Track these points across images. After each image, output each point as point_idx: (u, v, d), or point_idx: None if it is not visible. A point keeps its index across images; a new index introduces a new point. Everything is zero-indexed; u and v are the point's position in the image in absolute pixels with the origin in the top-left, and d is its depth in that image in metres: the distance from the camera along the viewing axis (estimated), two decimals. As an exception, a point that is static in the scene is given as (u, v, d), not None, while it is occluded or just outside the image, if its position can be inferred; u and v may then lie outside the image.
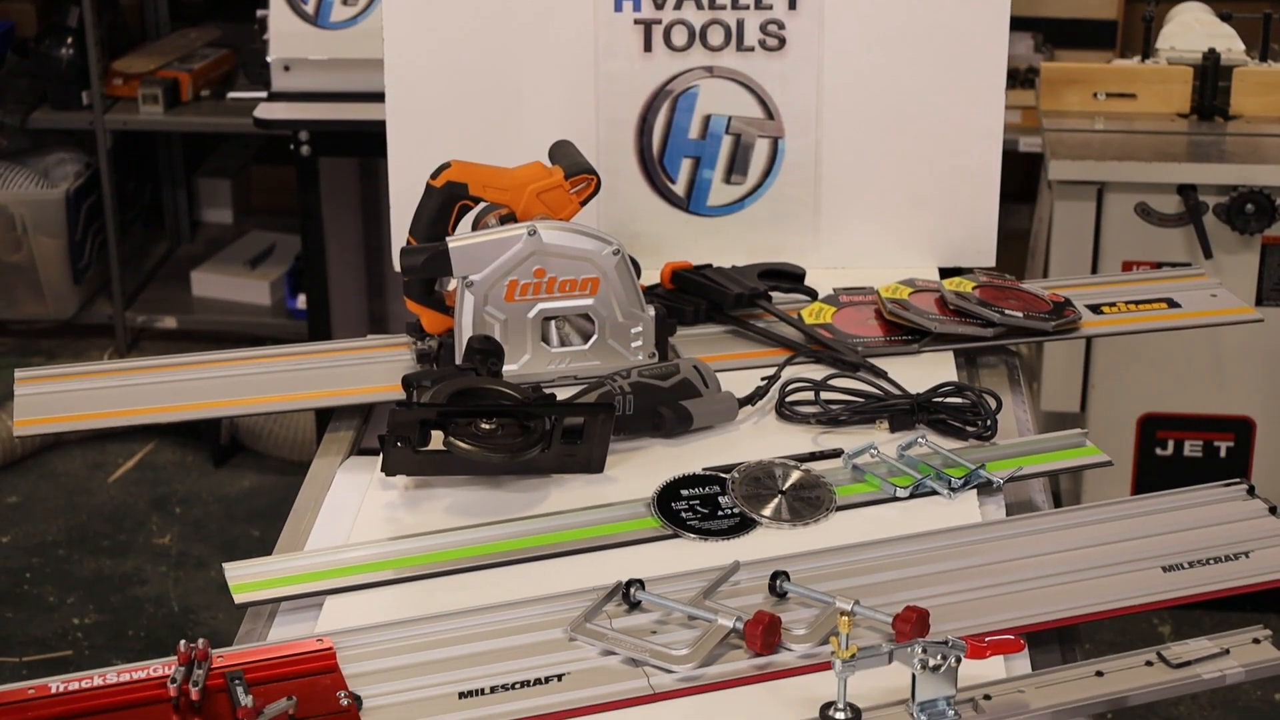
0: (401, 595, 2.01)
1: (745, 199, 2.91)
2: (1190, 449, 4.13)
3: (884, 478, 2.22)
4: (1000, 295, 2.64)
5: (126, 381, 2.50)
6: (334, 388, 2.50)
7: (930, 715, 1.72)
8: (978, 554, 2.05)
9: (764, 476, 2.21)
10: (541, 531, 2.12)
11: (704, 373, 2.40)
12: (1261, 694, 3.95)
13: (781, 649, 1.86)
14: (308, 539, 2.17)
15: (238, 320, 5.61)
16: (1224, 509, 2.16)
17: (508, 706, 1.78)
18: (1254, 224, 3.92)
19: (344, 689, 1.78)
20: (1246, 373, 4.07)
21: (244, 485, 4.95)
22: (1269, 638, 1.86)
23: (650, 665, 1.84)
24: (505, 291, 2.40)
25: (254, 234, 5.98)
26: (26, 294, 5.64)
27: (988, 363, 2.65)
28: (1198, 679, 1.81)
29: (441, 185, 2.47)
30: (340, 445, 2.42)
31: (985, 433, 2.34)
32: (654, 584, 1.94)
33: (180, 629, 4.24)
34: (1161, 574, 2.02)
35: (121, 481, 4.97)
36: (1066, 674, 1.80)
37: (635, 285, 2.46)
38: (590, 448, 2.22)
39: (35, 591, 4.45)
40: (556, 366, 2.46)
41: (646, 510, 2.16)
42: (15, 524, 4.76)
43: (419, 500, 2.21)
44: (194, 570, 4.53)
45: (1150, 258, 3.97)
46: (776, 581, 1.95)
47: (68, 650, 4.21)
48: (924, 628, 1.85)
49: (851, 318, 2.65)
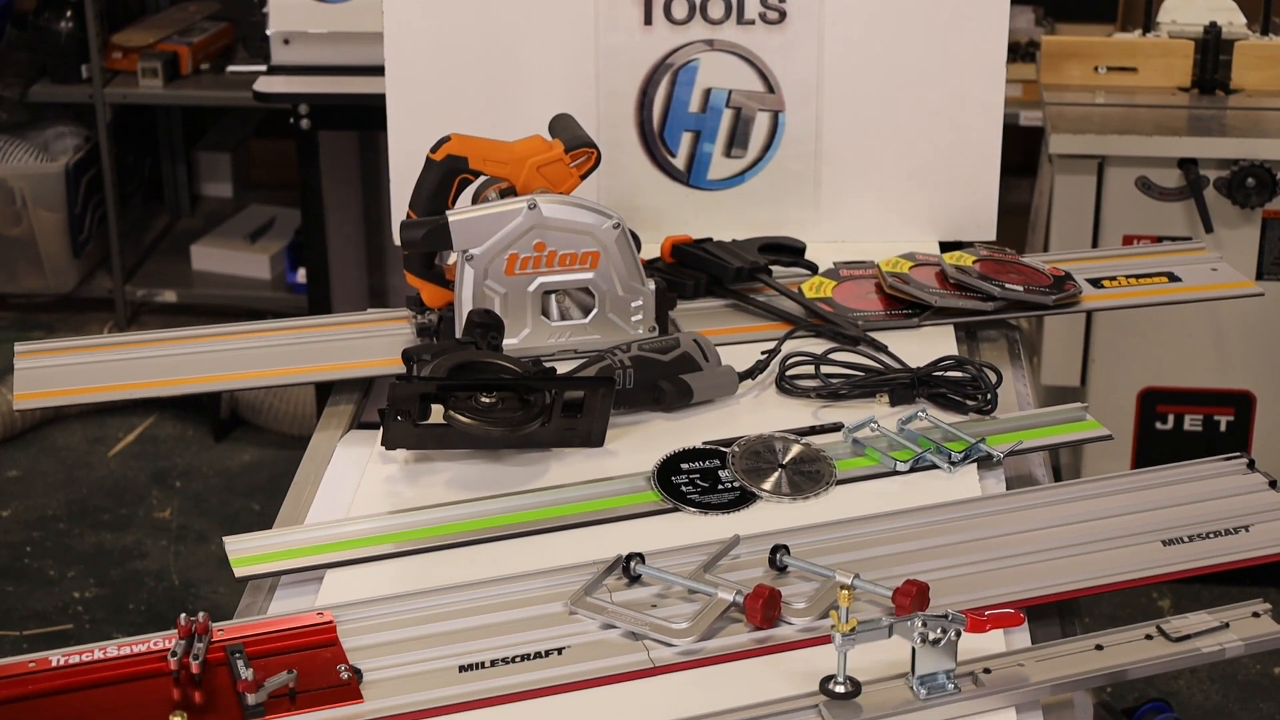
0: (402, 569, 2.01)
1: (745, 173, 2.91)
2: (1190, 423, 4.13)
3: (884, 452, 2.22)
4: (1001, 269, 2.64)
5: (126, 355, 2.50)
6: (334, 361, 2.50)
7: (930, 688, 1.72)
8: (977, 528, 2.05)
9: (764, 450, 2.21)
10: (541, 505, 2.12)
11: (704, 347, 2.39)
12: (1261, 668, 3.96)
13: (781, 623, 1.86)
14: (308, 513, 2.17)
15: (237, 294, 5.60)
16: (1224, 483, 2.16)
17: (508, 680, 1.78)
18: (1255, 198, 3.92)
19: (344, 662, 1.79)
20: (1247, 347, 4.06)
21: (244, 459, 4.95)
22: (1269, 611, 1.86)
23: (650, 639, 1.84)
24: (505, 265, 2.40)
25: (254, 208, 5.98)
26: (26, 268, 5.64)
27: (988, 336, 2.65)
28: (1197, 652, 1.81)
29: (441, 159, 2.46)
30: (340, 419, 2.42)
31: (985, 407, 2.33)
32: (654, 558, 1.95)
33: (181, 603, 4.25)
34: (1161, 548, 2.02)
35: (122, 455, 4.98)
36: (1066, 647, 1.80)
37: (635, 259, 2.46)
38: (590, 421, 2.22)
39: (35, 565, 4.45)
40: (556, 340, 2.45)
41: (646, 484, 2.16)
42: (15, 498, 4.76)
43: (419, 474, 2.21)
44: (194, 544, 4.53)
45: (1151, 232, 3.97)
46: (776, 555, 1.95)
47: (68, 624, 4.22)
48: (924, 601, 1.85)
49: (852, 291, 2.65)
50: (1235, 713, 3.83)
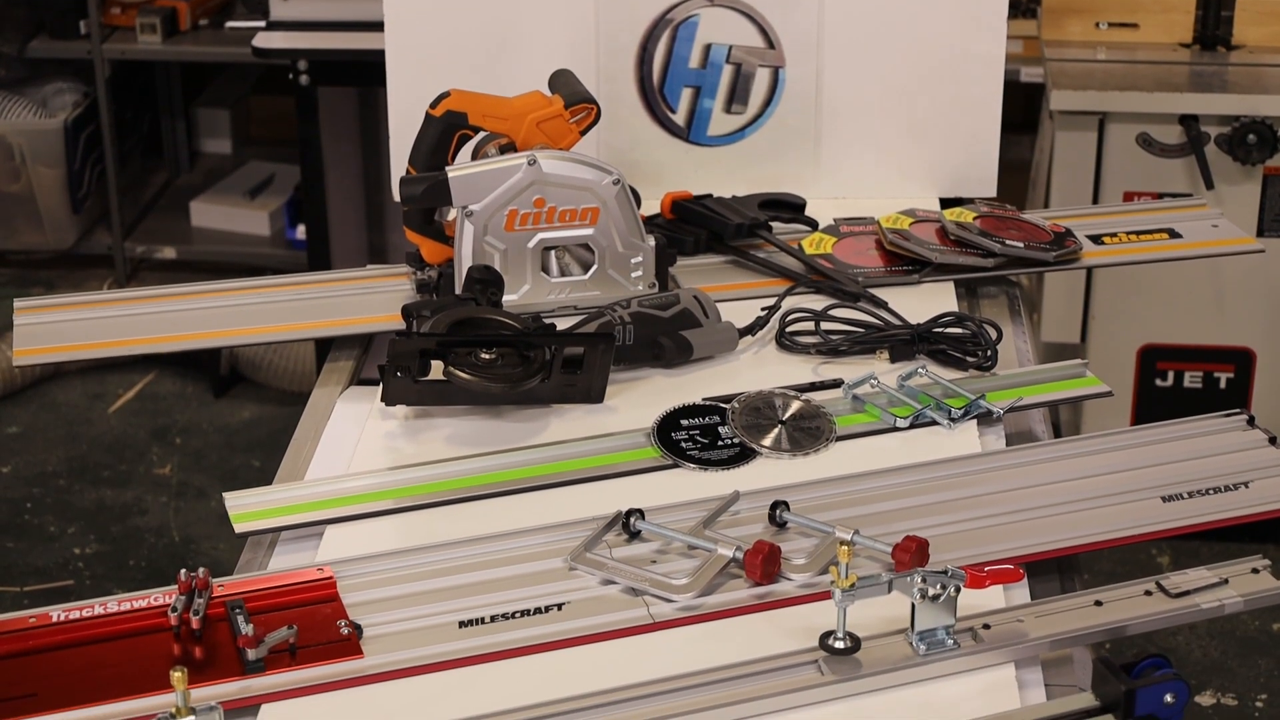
0: (401, 525, 2.01)
1: (746, 129, 2.90)
2: (1190, 380, 4.13)
3: (884, 408, 2.22)
4: (1001, 225, 2.64)
5: (126, 312, 2.49)
6: (334, 318, 2.50)
7: (929, 644, 1.72)
8: (977, 484, 2.05)
9: (764, 406, 2.21)
10: (541, 461, 2.12)
11: (704, 303, 2.39)
12: (1260, 624, 3.96)
13: (781, 578, 1.86)
14: (308, 469, 2.17)
15: (237, 251, 5.60)
16: (1224, 439, 2.16)
17: (508, 635, 1.78)
18: (1255, 154, 3.91)
19: (344, 618, 1.79)
20: (1247, 304, 4.06)
21: (244, 416, 4.95)
22: (1268, 567, 1.86)
23: (650, 594, 1.84)
24: (505, 221, 2.40)
25: (253, 164, 5.97)
26: (25, 224, 5.63)
27: (988, 293, 2.65)
28: (1196, 608, 1.81)
29: (441, 114, 2.45)
30: (340, 375, 2.42)
31: (985, 363, 2.33)
32: (654, 514, 1.95)
33: (181, 559, 4.25)
34: (1161, 504, 2.02)
35: (121, 412, 4.98)
36: (1065, 603, 1.80)
37: (635, 215, 2.45)
38: (590, 378, 2.22)
39: (36, 522, 4.45)
40: (556, 296, 2.45)
41: (646, 440, 2.16)
42: (16, 454, 4.76)
43: (419, 430, 2.21)
44: (194, 500, 4.54)
45: (1151, 188, 3.96)
46: (776, 511, 1.95)
47: (68, 580, 4.22)
48: (923, 557, 1.85)
49: (852, 248, 2.65)
50: (1234, 669, 3.84)
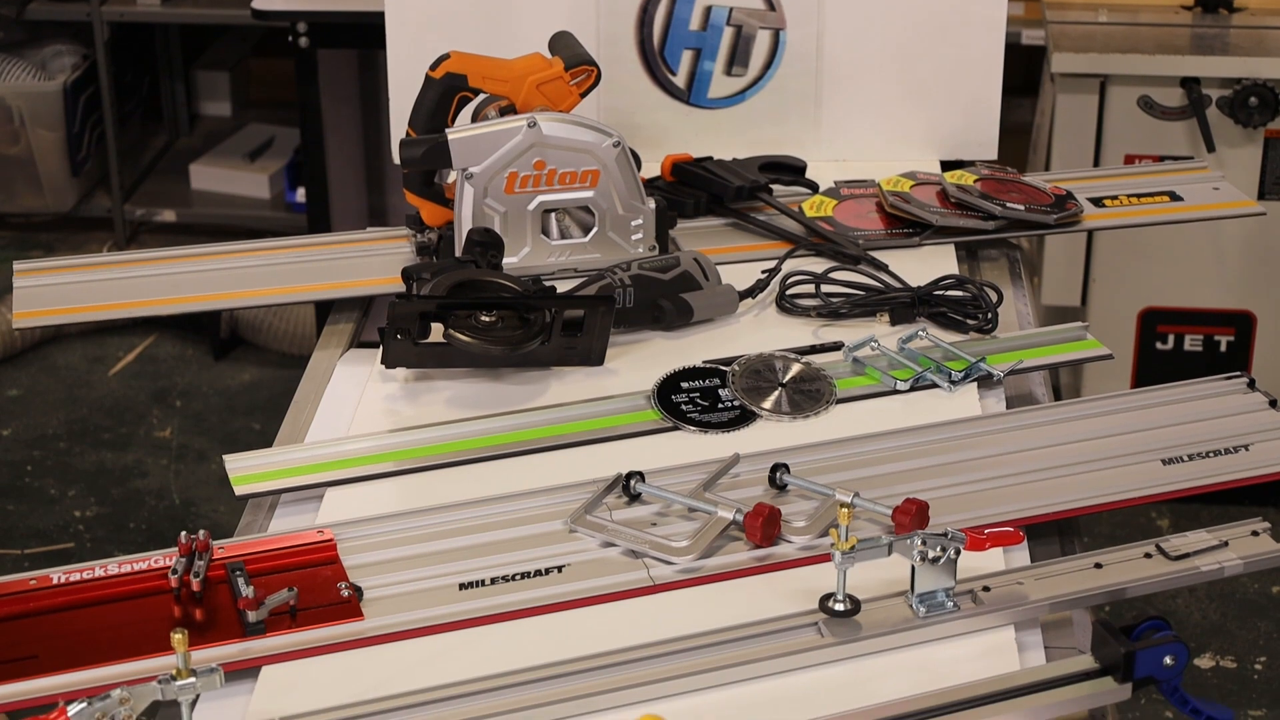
0: (402, 487, 2.02)
1: (746, 91, 2.90)
2: (1190, 343, 4.13)
3: (884, 370, 2.22)
4: (1002, 188, 2.63)
5: (126, 274, 2.49)
6: (333, 280, 2.49)
7: (929, 606, 1.72)
8: (977, 447, 2.05)
9: (764, 369, 2.21)
10: (541, 424, 2.12)
11: (704, 265, 2.39)
12: (1259, 587, 3.97)
13: (781, 541, 1.86)
14: (307, 431, 2.18)
15: (237, 213, 5.59)
16: (1224, 402, 2.16)
17: (508, 598, 1.79)
18: (1257, 117, 3.91)
19: (344, 580, 1.79)
20: (1247, 267, 4.06)
21: (244, 379, 4.95)
22: (1267, 530, 1.86)
23: (650, 557, 1.84)
24: (505, 183, 2.39)
25: (252, 127, 5.96)
26: (25, 187, 5.62)
27: (989, 256, 2.64)
28: (1196, 571, 1.81)
29: (441, 77, 2.45)
30: (340, 338, 2.42)
31: (986, 326, 2.33)
32: (654, 476, 1.95)
33: (181, 521, 4.26)
34: (1161, 467, 2.02)
35: (122, 375, 4.98)
36: (1065, 566, 1.80)
37: (635, 178, 2.45)
38: (590, 340, 2.22)
39: (36, 484, 4.46)
40: (556, 259, 2.45)
41: (647, 403, 2.16)
42: (16, 417, 4.76)
43: (419, 392, 2.21)
44: (194, 463, 4.54)
45: (1153, 151, 3.95)
46: (776, 474, 1.95)
47: (69, 543, 4.23)
48: (923, 520, 1.85)
49: (852, 210, 2.65)
50: (1233, 631, 3.85)
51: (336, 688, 1.65)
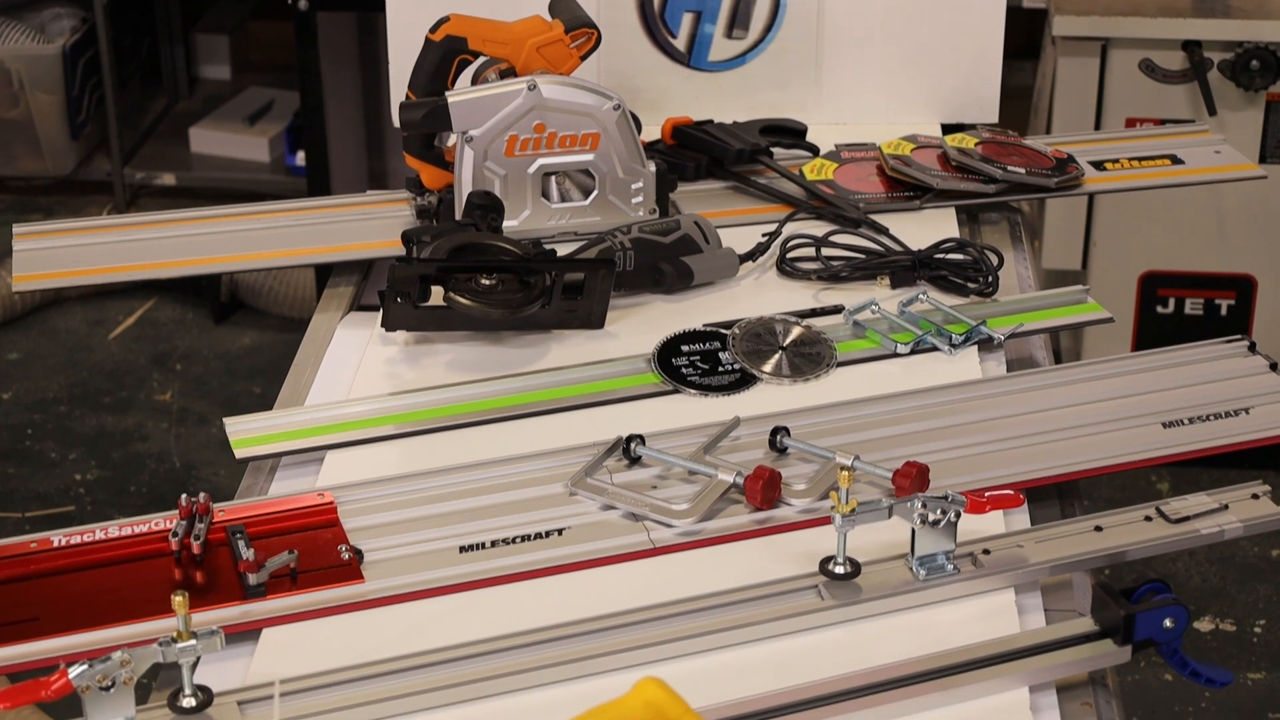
0: (402, 450, 2.02)
1: (747, 54, 2.89)
2: (1191, 307, 4.13)
3: (885, 334, 2.22)
4: (1003, 151, 2.63)
5: (126, 237, 2.49)
6: (334, 243, 2.49)
7: (929, 569, 1.73)
8: (978, 410, 2.05)
9: (764, 332, 2.21)
10: (542, 387, 2.12)
11: (705, 229, 2.39)
12: (1259, 550, 3.97)
13: (781, 504, 1.86)
14: (308, 394, 2.17)
15: (237, 177, 5.58)
16: (1224, 365, 2.16)
17: (508, 560, 1.79)
18: (1259, 80, 3.90)
19: (345, 543, 1.79)
20: (1248, 230, 4.05)
21: (244, 342, 4.95)
22: (1268, 493, 1.86)
23: (650, 520, 1.84)
24: (505, 146, 2.39)
25: (252, 90, 5.94)
26: (24, 150, 5.61)
27: (989, 219, 2.64)
28: (1196, 534, 1.81)
29: (440, 39, 2.44)
30: (340, 301, 2.42)
31: (986, 289, 2.33)
32: (654, 439, 1.95)
33: (182, 485, 4.26)
34: (1161, 430, 2.03)
35: (122, 338, 4.98)
36: (1065, 529, 1.80)
37: (636, 141, 2.45)
38: (591, 303, 2.22)
39: (37, 448, 4.46)
40: (557, 222, 2.45)
41: (647, 366, 2.16)
42: (16, 380, 4.77)
43: (419, 356, 2.20)
44: (195, 426, 4.54)
45: (1154, 114, 3.95)
46: (777, 437, 1.95)
47: (70, 506, 4.23)
48: (924, 483, 1.85)
49: (853, 174, 2.64)
50: (1233, 595, 3.85)
51: (337, 650, 1.65)
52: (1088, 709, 1.63)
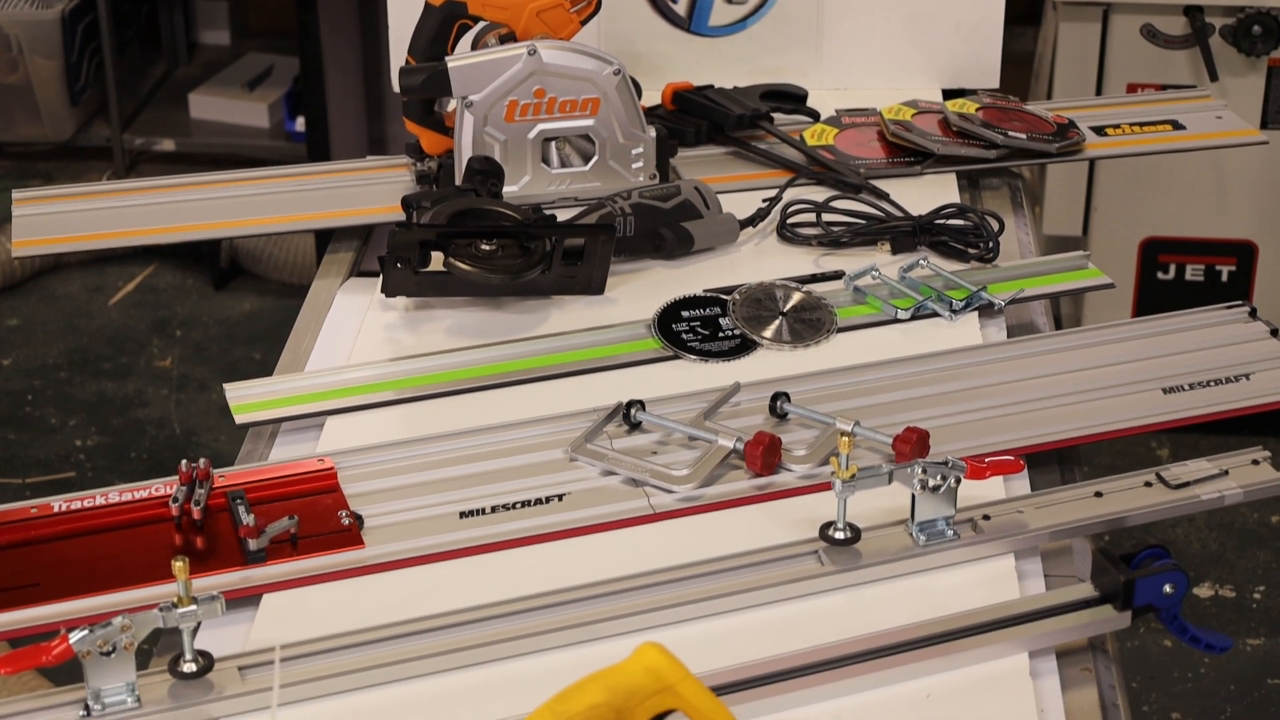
0: (402, 416, 2.02)
1: (747, 19, 2.88)
2: (1192, 273, 4.13)
3: (885, 299, 2.21)
4: (1004, 117, 2.62)
5: (126, 203, 2.48)
6: (333, 209, 2.49)
7: (929, 535, 1.73)
8: (978, 375, 2.05)
9: (765, 298, 2.21)
10: (542, 352, 2.12)
11: (705, 194, 2.38)
12: (1259, 516, 3.98)
13: (781, 469, 1.86)
14: (308, 360, 2.17)
15: (236, 143, 5.57)
16: (1225, 331, 2.16)
17: (508, 526, 1.79)
18: (1260, 46, 3.89)
19: (345, 508, 1.79)
20: (1250, 196, 4.05)
21: (244, 308, 4.95)
22: (1268, 459, 1.86)
23: (650, 485, 1.84)
24: (505, 112, 2.38)
25: (251, 56, 5.93)
26: (23, 116, 5.60)
27: (990, 184, 2.64)
28: (1196, 500, 1.82)
29: (440, 4, 2.44)
30: (340, 267, 2.42)
31: (987, 255, 2.33)
32: (654, 405, 1.95)
33: (182, 451, 4.26)
34: (1162, 395, 2.02)
35: (122, 304, 4.97)
36: (1065, 494, 1.80)
37: (636, 106, 2.44)
38: (591, 269, 2.21)
39: (37, 414, 4.46)
40: (557, 188, 2.44)
41: (647, 331, 2.16)
42: (16, 346, 4.77)
43: (419, 321, 2.20)
44: (195, 393, 4.54)
45: (1155, 80, 3.94)
46: (777, 402, 1.95)
47: (70, 472, 4.23)
48: (924, 448, 1.85)
49: (854, 139, 2.64)
50: (1232, 561, 3.86)
51: (337, 615, 1.65)
52: (1087, 674, 1.63)
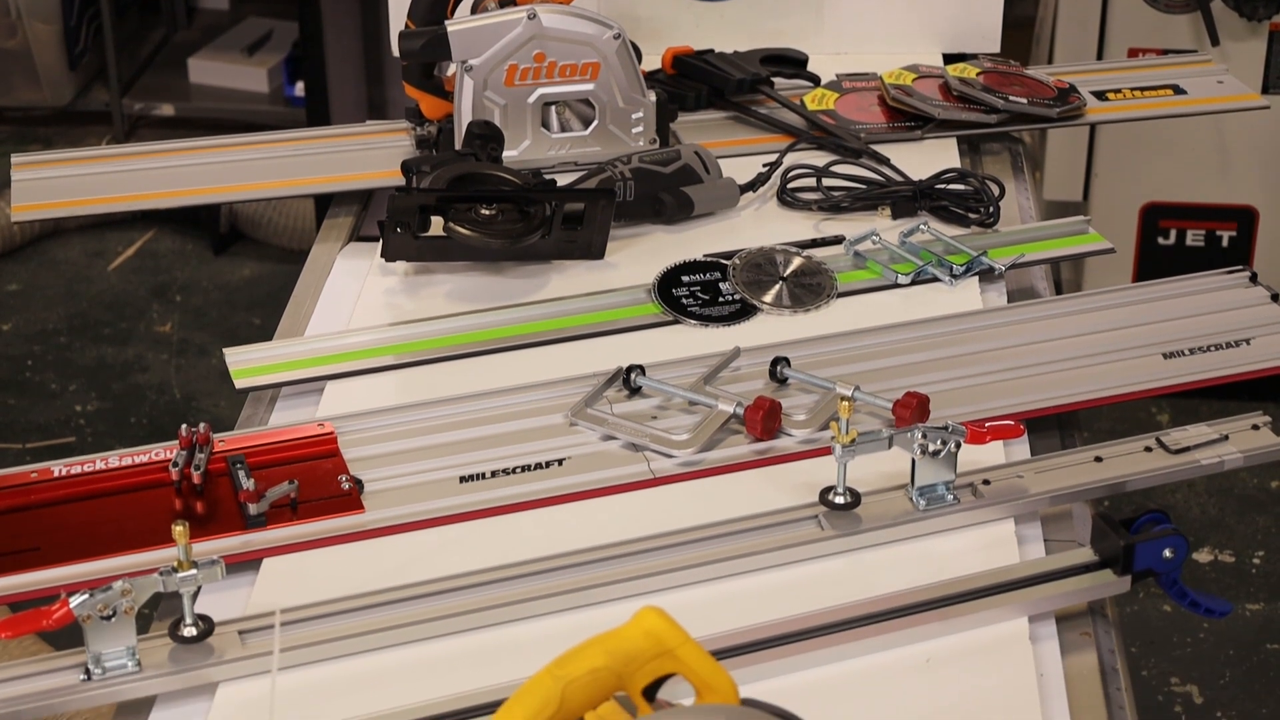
0: (402, 380, 2.02)
1: (748, -17, 2.88)
2: (1192, 238, 4.12)
3: (885, 264, 2.21)
4: (1005, 81, 2.62)
5: (125, 167, 2.48)
6: (333, 174, 2.48)
7: (929, 499, 1.73)
8: (978, 341, 2.05)
9: (765, 263, 2.21)
10: (542, 317, 2.12)
11: (705, 159, 2.38)
12: (1258, 481, 3.98)
13: (781, 434, 1.86)
14: (308, 325, 2.17)
15: (235, 108, 5.56)
16: (1226, 296, 2.16)
17: (508, 490, 1.79)
18: (1262, 10, 3.88)
19: (345, 473, 1.79)
20: (1250, 161, 4.04)
21: (244, 273, 4.94)
22: (1268, 424, 1.86)
23: (650, 450, 1.84)
24: (505, 76, 2.38)
25: (251, 20, 5.92)
26: (22, 80, 5.59)
27: (991, 149, 2.63)
28: (1196, 464, 1.82)
29: (440, -32, 2.43)
30: (339, 231, 2.41)
31: (988, 220, 2.33)
32: (654, 369, 1.95)
33: (182, 416, 4.26)
34: (1162, 360, 2.02)
35: (121, 270, 4.97)
36: (1065, 459, 1.80)
37: (636, 70, 2.44)
38: (591, 234, 2.21)
39: (37, 379, 4.46)
40: (557, 152, 2.44)
41: (647, 296, 2.15)
42: (16, 312, 4.76)
43: (419, 286, 2.20)
44: (195, 358, 4.54)
45: (1157, 44, 3.93)
46: (777, 367, 1.95)
47: (70, 437, 4.23)
48: (924, 413, 1.85)
49: (854, 104, 2.63)
50: (1232, 526, 3.86)
51: (337, 580, 1.65)
52: (1087, 639, 1.63)
